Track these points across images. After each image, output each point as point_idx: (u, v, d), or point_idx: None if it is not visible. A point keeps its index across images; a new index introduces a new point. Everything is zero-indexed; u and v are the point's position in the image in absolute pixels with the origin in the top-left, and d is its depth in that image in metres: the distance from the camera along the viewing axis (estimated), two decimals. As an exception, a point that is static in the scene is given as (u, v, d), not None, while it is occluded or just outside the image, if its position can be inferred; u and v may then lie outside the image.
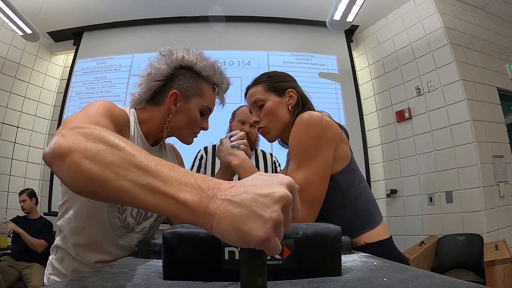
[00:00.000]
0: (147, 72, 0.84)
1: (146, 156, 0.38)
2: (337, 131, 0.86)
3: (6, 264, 2.71)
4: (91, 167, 0.38)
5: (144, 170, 0.36)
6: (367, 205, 0.89)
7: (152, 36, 3.55)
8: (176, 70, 0.84)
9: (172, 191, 0.34)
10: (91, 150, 0.40)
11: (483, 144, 2.68)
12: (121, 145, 0.40)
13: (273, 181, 0.33)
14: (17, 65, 3.49)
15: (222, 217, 0.31)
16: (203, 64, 0.84)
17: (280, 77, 1.01)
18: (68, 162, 0.40)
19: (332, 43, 3.58)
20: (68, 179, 0.41)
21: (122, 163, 0.37)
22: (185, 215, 0.34)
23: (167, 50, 0.85)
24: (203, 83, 0.86)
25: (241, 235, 0.31)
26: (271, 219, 0.30)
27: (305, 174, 0.80)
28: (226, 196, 0.32)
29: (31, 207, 2.91)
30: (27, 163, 3.53)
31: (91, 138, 0.42)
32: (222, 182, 0.34)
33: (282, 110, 0.96)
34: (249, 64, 3.43)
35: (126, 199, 0.37)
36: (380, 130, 3.45)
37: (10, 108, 3.41)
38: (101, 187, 0.38)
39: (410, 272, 0.44)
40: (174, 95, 0.82)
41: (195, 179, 0.35)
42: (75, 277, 0.41)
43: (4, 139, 3.33)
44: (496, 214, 2.59)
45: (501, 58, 3.22)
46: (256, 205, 0.31)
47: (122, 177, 0.37)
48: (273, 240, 0.31)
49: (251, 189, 0.32)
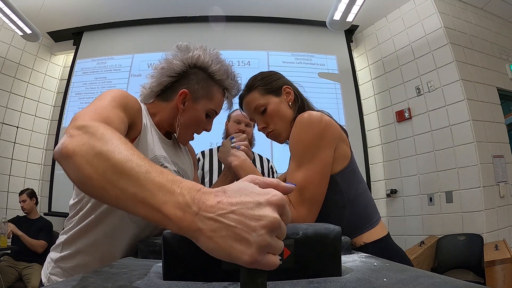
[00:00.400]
0: (160, 66, 0.83)
1: (139, 161, 0.38)
2: (337, 131, 0.85)
3: (6, 264, 2.71)
4: (90, 173, 0.39)
5: (133, 179, 0.36)
6: (366, 205, 0.89)
7: (152, 36, 3.55)
8: (190, 68, 0.83)
9: (157, 203, 0.34)
10: (91, 154, 0.41)
11: (483, 144, 2.68)
12: (117, 149, 0.40)
13: (261, 199, 0.32)
14: (17, 65, 3.49)
15: (207, 235, 0.31)
16: (217, 67, 0.83)
17: (271, 76, 0.99)
18: (72, 164, 0.42)
19: (332, 43, 3.58)
20: (74, 179, 0.43)
21: (115, 171, 0.38)
22: (171, 227, 0.34)
23: (184, 45, 0.84)
24: (214, 86, 0.85)
25: (227, 255, 0.31)
26: (256, 243, 0.30)
27: (305, 174, 0.80)
28: (212, 215, 0.32)
29: (31, 207, 2.91)
30: (27, 163, 3.53)
31: (93, 138, 0.43)
32: (209, 193, 0.33)
33: (285, 109, 0.96)
34: (249, 64, 3.43)
35: (121, 206, 0.38)
36: (380, 130, 3.45)
37: (10, 108, 3.41)
38: (100, 194, 0.39)
39: (410, 272, 0.44)
40: (183, 94, 0.82)
41: (181, 189, 0.34)
42: (75, 277, 0.41)
43: (4, 139, 3.33)
44: (496, 214, 2.59)
45: (501, 58, 3.22)
46: (241, 227, 0.31)
47: (115, 187, 0.37)
48: (263, 260, 0.31)
49: (238, 208, 0.31)
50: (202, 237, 0.32)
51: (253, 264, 0.31)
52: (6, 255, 2.78)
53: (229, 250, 0.31)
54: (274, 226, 0.31)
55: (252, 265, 0.31)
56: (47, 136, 3.72)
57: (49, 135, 3.71)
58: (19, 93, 3.50)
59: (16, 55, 3.49)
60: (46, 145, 3.70)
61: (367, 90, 3.60)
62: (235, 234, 0.31)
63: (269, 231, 0.31)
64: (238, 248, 0.30)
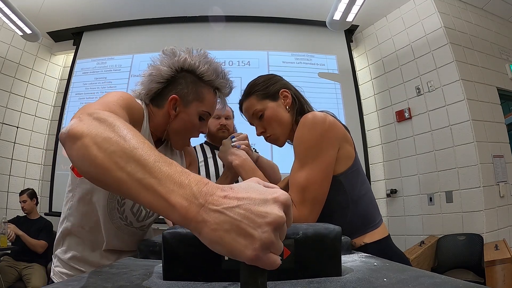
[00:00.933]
0: (148, 72, 0.83)
1: (148, 150, 0.38)
2: (340, 131, 0.86)
3: (6, 264, 2.71)
4: (97, 153, 0.39)
5: (142, 165, 0.36)
6: (369, 207, 0.89)
7: (152, 36, 3.55)
8: (178, 73, 0.82)
9: (164, 191, 0.34)
10: (101, 137, 0.41)
11: (483, 144, 2.68)
12: (127, 136, 0.41)
13: (268, 197, 0.32)
14: (17, 65, 3.49)
15: (211, 228, 0.31)
16: (205, 67, 0.82)
17: (269, 81, 0.99)
18: (78, 144, 0.42)
19: (332, 43, 3.57)
20: (77, 160, 0.43)
21: (124, 155, 0.38)
22: (174, 217, 0.33)
23: (170, 50, 0.83)
24: (204, 87, 0.83)
25: (230, 250, 0.31)
26: (260, 239, 0.30)
27: (307, 174, 0.80)
28: (218, 208, 0.31)
29: (31, 208, 2.91)
30: (27, 163, 3.53)
31: (104, 124, 0.43)
32: (216, 188, 0.33)
33: (282, 113, 0.96)
34: (249, 64, 3.43)
35: (123, 191, 0.37)
36: (380, 130, 3.45)
37: (10, 108, 3.41)
38: (103, 174, 0.39)
39: (410, 272, 0.44)
40: (173, 100, 0.81)
41: (189, 181, 0.34)
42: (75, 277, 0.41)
43: (4, 139, 3.33)
44: (496, 214, 2.59)
45: (501, 58, 3.22)
46: (247, 223, 0.30)
47: (121, 169, 0.37)
48: (264, 258, 0.30)
49: (244, 203, 0.31)
50: (206, 229, 0.31)
51: (255, 261, 0.30)
52: (6, 255, 2.78)
53: (232, 244, 0.30)
54: (279, 225, 0.31)
55: (254, 262, 0.31)
56: (47, 136, 3.72)
57: (49, 135, 3.70)
58: (19, 93, 3.50)
59: (16, 55, 3.49)
60: (46, 145, 3.70)
61: (367, 90, 3.60)
62: (240, 228, 0.30)
63: (274, 229, 0.31)
64: (241, 243, 0.30)
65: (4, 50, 3.37)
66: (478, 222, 2.53)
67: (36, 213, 2.97)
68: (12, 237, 2.64)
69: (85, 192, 0.77)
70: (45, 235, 2.83)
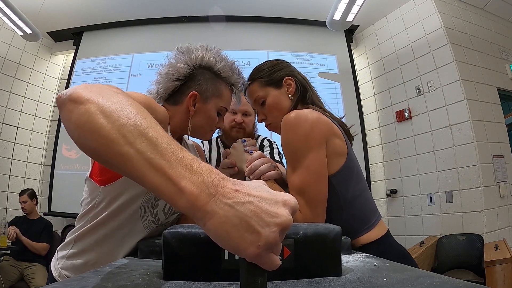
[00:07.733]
0: (165, 71, 0.83)
1: (161, 133, 0.36)
2: (325, 126, 0.82)
3: (8, 264, 2.71)
4: (103, 122, 0.36)
5: (154, 145, 0.34)
6: (365, 207, 0.86)
7: (152, 36, 3.55)
8: (195, 69, 0.83)
9: (174, 174, 0.32)
10: (109, 107, 0.37)
11: (483, 144, 2.68)
12: (139, 114, 0.37)
13: (279, 199, 0.32)
14: (17, 65, 3.49)
15: (220, 221, 0.30)
16: (222, 64, 0.84)
17: (274, 67, 0.97)
18: (82, 109, 0.38)
19: (332, 43, 3.58)
20: (75, 128, 0.38)
21: (135, 130, 0.35)
22: (181, 203, 0.32)
23: (185, 47, 0.84)
24: (222, 84, 0.86)
25: (234, 245, 0.30)
26: (266, 238, 0.30)
27: (300, 177, 0.79)
28: (228, 201, 0.31)
29: (31, 208, 2.91)
30: (27, 163, 3.53)
31: (114, 98, 0.39)
32: (228, 181, 0.33)
33: (284, 101, 0.94)
34: (249, 64, 3.43)
35: (127, 168, 0.34)
36: (380, 130, 3.45)
37: (10, 108, 3.41)
38: (107, 146, 0.35)
39: (410, 272, 0.44)
40: (193, 96, 0.82)
41: (201, 169, 0.33)
42: (75, 277, 0.41)
43: (4, 139, 3.33)
44: (496, 214, 2.59)
45: (501, 58, 3.22)
46: (256, 220, 0.30)
47: (130, 144, 0.34)
48: (266, 257, 0.31)
49: (255, 200, 0.31)
50: (214, 221, 0.30)
51: (256, 259, 0.30)
52: (7, 255, 2.78)
53: (238, 240, 0.30)
54: (287, 227, 0.31)
55: (254, 259, 0.30)
56: (47, 136, 3.72)
57: (49, 135, 3.71)
58: (19, 93, 3.50)
59: (16, 55, 3.49)
60: (46, 145, 3.70)
61: (367, 90, 3.60)
62: (248, 225, 0.30)
63: (281, 230, 0.31)
64: (247, 239, 0.30)
65: (4, 50, 3.37)
66: (478, 222, 2.53)
67: (36, 213, 2.97)
68: (12, 236, 2.64)
69: (111, 198, 0.72)
70: (46, 237, 2.84)
